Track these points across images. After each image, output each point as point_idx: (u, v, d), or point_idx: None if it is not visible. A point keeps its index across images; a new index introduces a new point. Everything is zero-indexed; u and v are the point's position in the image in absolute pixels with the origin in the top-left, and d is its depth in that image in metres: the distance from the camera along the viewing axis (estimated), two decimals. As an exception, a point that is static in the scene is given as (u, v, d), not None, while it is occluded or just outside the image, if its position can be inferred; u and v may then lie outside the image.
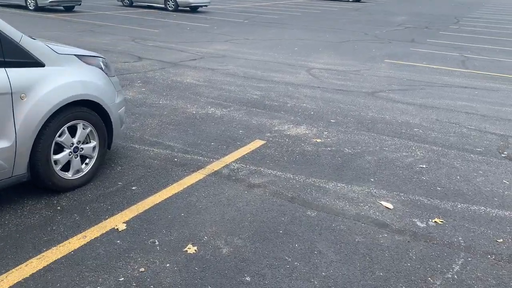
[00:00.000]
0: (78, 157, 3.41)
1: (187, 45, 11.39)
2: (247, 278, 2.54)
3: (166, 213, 3.18)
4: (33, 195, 3.31)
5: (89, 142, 3.50)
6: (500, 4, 37.91)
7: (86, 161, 3.51)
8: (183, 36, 12.88)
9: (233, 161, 4.18)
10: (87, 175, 3.51)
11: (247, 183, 3.74)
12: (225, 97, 6.54)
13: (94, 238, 2.82)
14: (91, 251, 2.69)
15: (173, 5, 20.11)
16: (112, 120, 3.60)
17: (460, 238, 3.10)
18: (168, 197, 3.40)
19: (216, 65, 8.97)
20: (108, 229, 2.93)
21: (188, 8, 20.65)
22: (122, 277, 2.49)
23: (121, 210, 3.17)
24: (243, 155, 4.35)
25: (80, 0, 18.45)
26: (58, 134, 3.18)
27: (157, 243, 2.82)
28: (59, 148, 3.27)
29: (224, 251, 2.78)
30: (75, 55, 3.39)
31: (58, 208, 3.16)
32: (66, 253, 2.65)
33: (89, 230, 2.91)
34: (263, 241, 2.91)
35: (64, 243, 2.75)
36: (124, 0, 21.40)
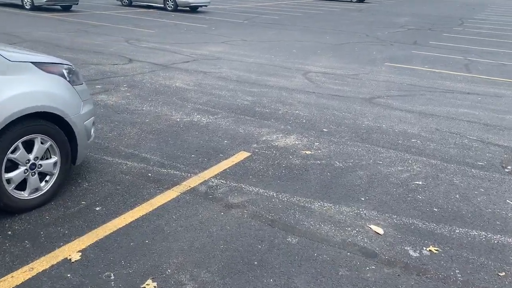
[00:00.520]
0: (36, 175, 3.09)
1: (182, 46, 11.08)
2: (210, 322, 2.22)
3: (129, 239, 2.86)
4: (-15, 216, 3.00)
5: (50, 158, 3.18)
6: (505, 5, 37.40)
7: (46, 178, 3.20)
8: (179, 37, 12.57)
9: (213, 177, 3.85)
10: (47, 194, 3.20)
11: (224, 202, 3.41)
12: (214, 103, 6.22)
13: (42, 270, 2.50)
14: None
15: (173, 5, 19.81)
16: (76, 133, 3.28)
17: (457, 271, 2.76)
18: (134, 220, 3.08)
19: (209, 68, 8.64)
20: (60, 259, 2.61)
21: (188, 8, 20.35)
22: (66, 320, 2.17)
23: (79, 236, 2.85)
24: (224, 169, 4.02)
25: (77, 0, 18.18)
26: (10, 150, 2.87)
27: (112, 277, 2.49)
28: (13, 165, 2.96)
29: None
30: (32, 62, 3.07)
31: (9, 233, 2.85)
32: (7, 290, 2.34)
33: (38, 260, 2.59)
34: (234, 275, 2.58)
35: (5, 277, 2.43)
36: (123, 0, 21.12)
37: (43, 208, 3.14)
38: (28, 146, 3.01)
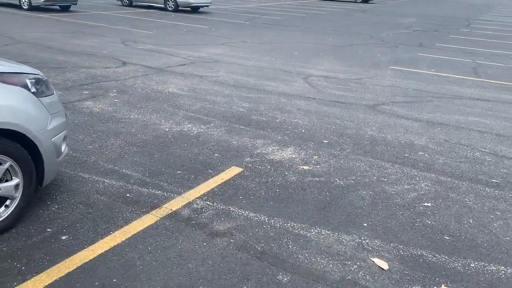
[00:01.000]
0: (-6, 199, 2.73)
1: (179, 48, 10.71)
2: None
3: (94, 277, 2.48)
4: None
5: (10, 180, 2.81)
6: (510, 6, 36.85)
7: (6, 203, 2.83)
8: (177, 39, 12.21)
9: (198, 197, 3.47)
10: (8, 220, 2.83)
11: (209, 230, 3.03)
12: (208, 110, 5.84)
13: (-14, 320, 2.13)
14: None
15: (173, 5, 19.45)
16: (42, 151, 2.91)
17: (475, 318, 2.37)
18: (104, 252, 2.70)
19: (205, 72, 8.27)
20: (9, 304, 2.24)
21: (189, 9, 19.99)
22: None
23: (37, 273, 2.48)
24: (212, 188, 3.64)
25: (76, 0, 17.85)
26: (-41, 173, 2.50)
27: (68, 329, 2.12)
28: (-35, 190, 2.59)
29: None
30: (-13, 72, 2.70)
31: (-44, 269, 2.49)
32: None
33: (-17, 306, 2.22)
34: (212, 324, 2.21)
35: None
36: (123, 0, 20.79)
37: (1, 238, 2.77)
38: (-17, 168, 2.64)
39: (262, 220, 3.20)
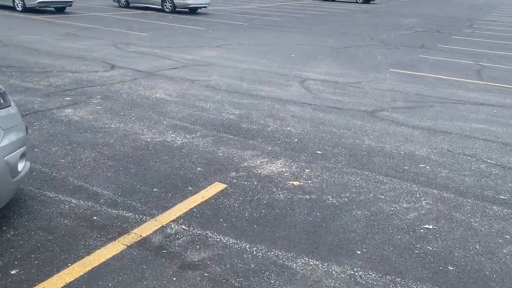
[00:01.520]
0: None
1: (173, 50, 10.38)
2: None
3: (40, 323, 2.14)
4: None
5: (-47, 206, 2.48)
6: (515, 6, 36.39)
7: (-51, 232, 2.50)
8: (172, 40, 11.88)
9: (174, 220, 3.13)
10: (-49, 252, 2.50)
11: (181, 261, 2.69)
12: (195, 118, 5.50)
13: None
14: None
15: (171, 6, 19.13)
16: (-9, 173, 2.57)
17: None
18: (57, 290, 2.36)
19: (197, 75, 7.93)
20: None
21: (187, 10, 19.66)
22: None
23: (-25, 318, 2.15)
24: (191, 209, 3.29)
25: (71, 1, 17.54)
26: None
27: None
28: None
29: None
30: None
31: None
32: None
33: None
34: None
35: None
36: (120, 1, 20.47)
37: None
38: None
39: (242, 248, 2.85)
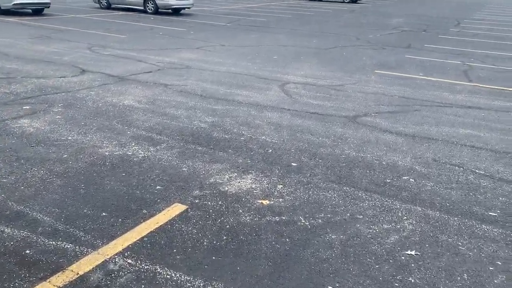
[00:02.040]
0: None
1: (151, 53, 9.95)
2: None
3: None
4: None
5: None
6: (502, 4, 36.44)
7: None
8: (151, 42, 11.45)
9: (119, 252, 2.72)
10: None
11: (120, 305, 2.29)
12: (163, 127, 5.10)
13: None
14: None
15: (153, 7, 18.65)
16: None
17: None
18: None
19: (173, 80, 7.52)
20: None
21: (170, 11, 19.19)
22: None
23: None
24: (141, 238, 2.90)
25: (49, 3, 16.97)
26: None
27: None
28: None
29: None
30: None
31: None
32: None
33: None
34: None
35: None
36: (101, 3, 19.95)
37: None
38: None
39: (196, 286, 2.46)
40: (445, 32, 16.31)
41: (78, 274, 2.50)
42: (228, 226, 3.09)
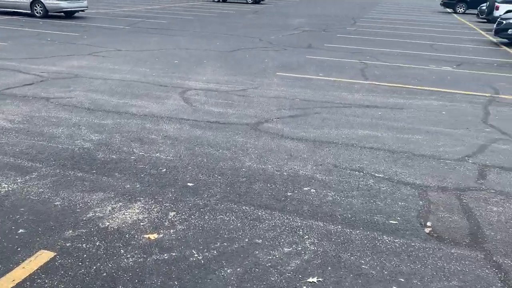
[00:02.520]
0: None
1: (35, 62, 8.90)
2: None
3: None
4: None
5: None
6: (394, 3, 39.30)
7: None
8: (36, 50, 10.29)
9: (-46, 332, 2.12)
10: None
11: None
12: (37, 151, 4.40)
13: None
14: None
15: (41, 10, 16.99)
16: None
17: None
18: None
19: (57, 92, 6.71)
20: None
21: (62, 14, 17.63)
22: None
23: None
24: (-11, 304, 2.31)
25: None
26: None
27: None
28: None
29: None
30: None
31: None
32: None
33: None
34: None
35: None
36: (-22, 5, 17.77)
37: None
38: None
39: None
40: (343, 31, 16.97)
41: None
42: (104, 274, 2.60)
